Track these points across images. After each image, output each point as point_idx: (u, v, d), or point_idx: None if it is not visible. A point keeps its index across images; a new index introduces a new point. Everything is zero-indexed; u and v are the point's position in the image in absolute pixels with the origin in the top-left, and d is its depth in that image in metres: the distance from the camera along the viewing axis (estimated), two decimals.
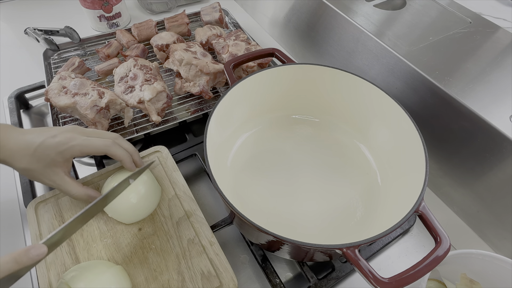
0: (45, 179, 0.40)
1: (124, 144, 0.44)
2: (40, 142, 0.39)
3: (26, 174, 0.40)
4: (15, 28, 0.81)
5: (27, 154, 0.38)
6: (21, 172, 0.40)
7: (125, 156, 0.43)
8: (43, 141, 0.39)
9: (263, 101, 0.52)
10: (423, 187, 0.36)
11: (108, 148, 0.41)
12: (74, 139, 0.40)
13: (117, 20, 0.79)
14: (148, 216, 0.44)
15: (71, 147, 0.40)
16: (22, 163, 0.39)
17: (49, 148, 0.39)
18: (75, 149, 0.40)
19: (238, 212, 0.33)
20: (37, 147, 0.38)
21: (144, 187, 0.44)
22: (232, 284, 0.39)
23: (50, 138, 0.39)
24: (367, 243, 0.32)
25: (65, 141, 0.39)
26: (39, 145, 0.38)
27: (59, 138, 0.39)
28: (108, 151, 0.41)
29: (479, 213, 0.49)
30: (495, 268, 0.38)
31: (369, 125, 0.50)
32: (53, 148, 0.39)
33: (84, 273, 0.36)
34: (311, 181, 0.49)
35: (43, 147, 0.39)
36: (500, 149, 0.42)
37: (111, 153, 0.42)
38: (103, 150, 0.41)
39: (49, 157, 0.39)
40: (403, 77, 0.52)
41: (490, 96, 0.45)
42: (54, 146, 0.39)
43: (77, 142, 0.40)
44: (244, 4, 0.92)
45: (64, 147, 0.39)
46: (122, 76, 0.57)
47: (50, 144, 0.39)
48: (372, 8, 0.61)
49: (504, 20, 0.60)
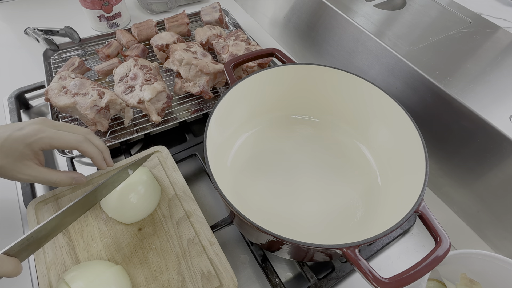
0: (18, 174, 0.38)
1: (95, 140, 0.42)
2: (6, 136, 0.37)
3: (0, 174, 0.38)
4: (15, 28, 0.81)
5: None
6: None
7: (96, 153, 0.41)
8: (9, 135, 0.37)
9: (263, 101, 0.52)
10: (423, 187, 0.36)
11: (80, 144, 0.40)
12: (43, 131, 0.38)
13: (117, 20, 0.79)
14: (148, 216, 0.44)
15: (39, 138, 0.38)
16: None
17: (16, 141, 0.37)
18: (43, 141, 0.38)
19: (238, 212, 0.33)
20: (3, 142, 0.37)
21: (144, 187, 0.44)
22: (232, 284, 0.39)
23: (17, 131, 0.37)
24: (367, 243, 0.32)
25: (33, 133, 0.38)
26: (5, 140, 0.37)
27: (26, 130, 0.38)
28: (79, 146, 0.40)
29: (479, 213, 0.49)
30: (495, 268, 0.38)
31: (369, 125, 0.50)
32: (21, 140, 0.37)
33: (84, 273, 0.36)
34: (311, 181, 0.49)
35: (10, 140, 0.37)
36: (500, 149, 0.42)
37: (82, 149, 0.40)
38: (73, 145, 0.39)
39: (17, 150, 0.37)
40: (403, 77, 0.52)
41: (490, 96, 0.45)
42: (22, 138, 0.37)
43: (46, 134, 0.38)
44: (244, 4, 0.92)
45: (32, 139, 0.37)
46: (122, 76, 0.57)
47: (17, 137, 0.37)
48: (372, 8, 0.61)
49: (504, 20, 0.60)
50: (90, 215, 0.44)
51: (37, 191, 0.51)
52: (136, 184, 0.43)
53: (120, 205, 0.42)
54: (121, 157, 0.56)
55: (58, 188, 0.46)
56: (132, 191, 0.43)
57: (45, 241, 0.35)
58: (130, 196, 0.42)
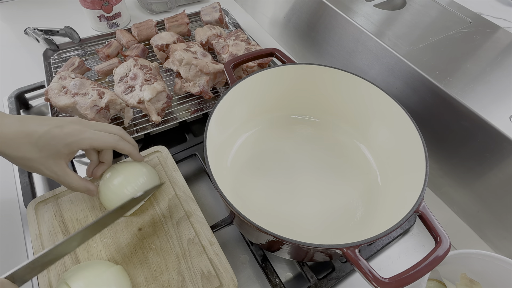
0: (45, 170, 0.38)
1: (127, 137, 0.44)
2: (45, 131, 0.37)
3: (21, 164, 0.38)
4: (15, 28, 0.81)
5: (27, 142, 0.36)
6: (15, 161, 0.37)
7: (132, 149, 0.43)
8: (48, 130, 0.37)
9: (263, 101, 0.52)
10: (423, 187, 0.36)
11: (117, 143, 0.41)
12: (84, 132, 0.39)
13: (117, 20, 0.79)
14: (148, 216, 0.44)
15: (81, 139, 0.38)
16: (20, 151, 0.36)
17: (55, 139, 0.37)
18: (84, 142, 0.38)
19: (238, 212, 0.33)
20: (40, 136, 0.36)
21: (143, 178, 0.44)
22: (232, 284, 0.39)
23: (56, 128, 0.37)
24: (367, 243, 0.32)
25: (75, 133, 0.38)
26: (43, 134, 0.36)
27: (68, 130, 0.38)
28: (118, 145, 0.41)
29: (479, 213, 0.49)
30: (495, 268, 0.38)
31: (369, 125, 0.50)
32: (61, 139, 0.37)
33: (84, 273, 0.36)
34: (311, 181, 0.49)
35: (48, 136, 0.37)
36: (500, 149, 0.42)
37: (120, 147, 0.41)
38: (112, 145, 0.41)
39: (55, 148, 0.37)
40: (403, 77, 0.52)
41: (490, 96, 0.45)
42: (62, 137, 0.37)
43: (87, 135, 0.39)
44: (244, 4, 0.92)
45: (73, 139, 0.38)
46: (122, 76, 0.57)
47: (57, 134, 0.37)
48: (372, 8, 0.61)
49: (504, 20, 0.60)
50: (90, 215, 0.44)
51: (37, 191, 0.51)
52: (133, 178, 0.43)
53: (117, 197, 0.42)
54: (121, 157, 0.56)
55: (58, 188, 0.46)
56: (130, 183, 0.43)
57: (49, 264, 0.34)
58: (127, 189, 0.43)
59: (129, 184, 0.43)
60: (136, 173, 0.44)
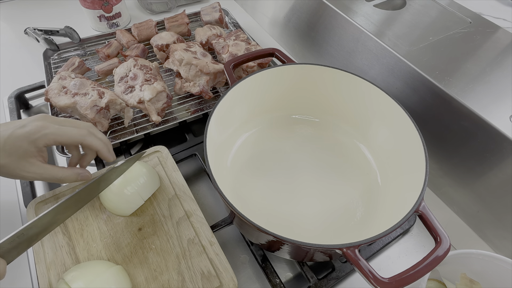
0: (23, 173, 0.37)
1: (98, 134, 0.42)
2: (9, 134, 0.36)
3: (0, 173, 0.37)
4: (15, 28, 0.81)
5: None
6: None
7: (101, 145, 0.41)
8: (12, 133, 0.36)
9: (263, 101, 0.52)
10: (423, 187, 0.36)
11: (84, 138, 0.39)
12: (46, 127, 0.37)
13: (117, 20, 0.79)
14: (148, 216, 0.44)
15: (43, 135, 0.37)
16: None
17: (20, 139, 0.36)
18: (48, 138, 0.37)
19: (238, 212, 0.33)
20: (6, 140, 0.35)
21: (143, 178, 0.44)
22: (232, 284, 0.39)
23: (19, 128, 0.36)
24: (367, 243, 0.32)
25: (37, 130, 0.37)
26: (7, 138, 0.36)
27: (29, 127, 0.37)
28: (84, 140, 0.39)
29: (479, 213, 0.49)
30: (495, 268, 0.38)
31: (369, 125, 0.50)
32: (24, 138, 0.36)
33: (84, 273, 0.36)
34: (311, 181, 0.49)
35: (13, 138, 0.36)
36: (500, 149, 0.42)
37: (87, 143, 0.39)
38: (78, 140, 0.39)
39: (21, 148, 0.36)
40: (403, 77, 0.52)
41: (490, 96, 0.45)
42: (25, 136, 0.36)
43: (50, 131, 0.37)
44: (244, 4, 0.92)
45: (36, 135, 0.37)
46: (122, 76, 0.57)
47: (19, 134, 0.36)
48: (372, 8, 0.61)
49: (504, 20, 0.60)
50: (90, 215, 0.44)
51: (37, 191, 0.51)
52: (135, 176, 0.43)
53: (117, 197, 0.42)
54: (121, 157, 0.56)
55: (58, 188, 0.46)
56: (130, 183, 0.43)
57: (36, 239, 0.34)
58: (127, 189, 0.42)
59: (129, 184, 0.43)
60: (136, 173, 0.44)
